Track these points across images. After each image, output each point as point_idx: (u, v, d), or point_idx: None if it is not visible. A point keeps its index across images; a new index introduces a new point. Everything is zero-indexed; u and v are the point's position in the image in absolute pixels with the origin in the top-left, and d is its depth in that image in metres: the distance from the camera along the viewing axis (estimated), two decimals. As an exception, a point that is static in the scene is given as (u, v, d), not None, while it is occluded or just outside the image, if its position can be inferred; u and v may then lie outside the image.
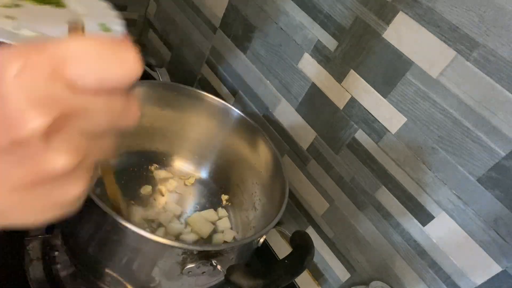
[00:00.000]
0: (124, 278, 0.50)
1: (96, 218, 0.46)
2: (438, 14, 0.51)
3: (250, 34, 0.78)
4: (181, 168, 0.75)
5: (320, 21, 0.65)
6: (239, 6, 0.80)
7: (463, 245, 0.54)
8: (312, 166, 0.72)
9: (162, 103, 0.68)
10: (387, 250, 0.64)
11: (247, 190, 0.71)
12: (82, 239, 0.50)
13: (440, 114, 0.54)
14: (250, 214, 0.69)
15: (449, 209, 0.55)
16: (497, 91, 0.48)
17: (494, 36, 0.47)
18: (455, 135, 0.53)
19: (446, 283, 0.57)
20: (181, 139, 0.73)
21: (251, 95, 0.82)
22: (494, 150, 0.50)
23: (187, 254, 0.46)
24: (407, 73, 0.56)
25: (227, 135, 0.70)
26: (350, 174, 0.66)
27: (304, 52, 0.69)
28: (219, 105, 0.68)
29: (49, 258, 0.60)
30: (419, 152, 0.57)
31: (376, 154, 0.62)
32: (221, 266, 0.46)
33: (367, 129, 0.63)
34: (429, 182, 0.57)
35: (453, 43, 0.51)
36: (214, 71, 0.90)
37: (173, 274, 0.48)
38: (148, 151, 0.72)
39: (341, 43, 0.63)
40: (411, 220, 0.59)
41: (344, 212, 0.69)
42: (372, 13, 0.58)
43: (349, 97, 0.64)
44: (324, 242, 0.74)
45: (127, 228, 0.43)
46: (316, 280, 0.76)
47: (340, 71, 0.64)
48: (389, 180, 0.61)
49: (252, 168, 0.69)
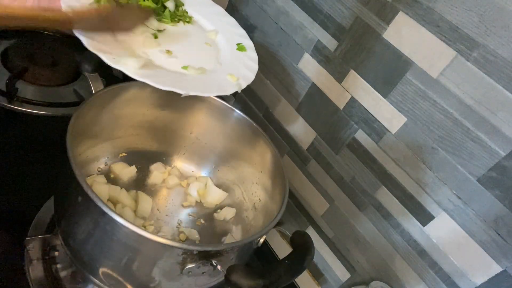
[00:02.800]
0: (124, 278, 0.50)
1: (96, 218, 0.46)
2: (438, 14, 0.51)
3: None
4: (181, 168, 0.75)
5: (320, 21, 0.65)
6: (239, 6, 0.80)
7: (463, 245, 0.54)
8: (312, 166, 0.72)
9: (162, 103, 0.67)
10: (387, 250, 0.64)
11: (247, 190, 0.71)
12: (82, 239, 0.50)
13: (440, 114, 0.54)
14: (250, 214, 0.69)
15: (449, 209, 0.55)
16: (497, 91, 0.48)
17: (494, 36, 0.47)
18: (455, 135, 0.53)
19: (446, 283, 0.57)
20: (181, 139, 0.73)
21: (251, 95, 0.82)
22: (494, 150, 0.50)
23: (187, 254, 0.46)
24: (407, 73, 0.56)
25: (227, 135, 0.70)
26: (350, 174, 0.66)
27: (304, 52, 0.69)
28: (219, 105, 0.68)
29: (49, 258, 0.60)
30: (419, 152, 0.57)
31: (376, 154, 0.62)
32: (221, 266, 0.46)
33: (367, 129, 0.62)
34: (429, 182, 0.57)
35: (453, 43, 0.51)
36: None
37: (173, 274, 0.48)
38: (148, 151, 0.72)
39: (341, 43, 0.63)
40: (411, 220, 0.59)
41: (344, 212, 0.69)
42: (372, 13, 0.58)
43: (349, 97, 0.64)
44: (324, 242, 0.74)
45: (127, 228, 0.43)
46: (316, 280, 0.76)
47: (340, 71, 0.64)
48: (389, 180, 0.61)
49: (252, 168, 0.69)
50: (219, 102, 0.68)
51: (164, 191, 0.71)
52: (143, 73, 0.51)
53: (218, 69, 0.61)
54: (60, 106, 0.79)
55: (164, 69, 0.55)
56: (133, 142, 0.70)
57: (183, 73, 0.57)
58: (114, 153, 0.69)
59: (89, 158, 0.65)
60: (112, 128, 0.66)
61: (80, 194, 0.45)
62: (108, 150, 0.68)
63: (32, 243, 0.60)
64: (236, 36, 0.69)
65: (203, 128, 0.72)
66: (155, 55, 0.57)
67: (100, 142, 0.66)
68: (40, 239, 0.60)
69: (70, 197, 0.49)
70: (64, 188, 0.51)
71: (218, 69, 0.61)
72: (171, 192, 0.71)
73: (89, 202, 0.44)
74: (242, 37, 0.69)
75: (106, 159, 0.68)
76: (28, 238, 0.59)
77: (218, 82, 0.58)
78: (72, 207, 0.49)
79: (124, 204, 0.63)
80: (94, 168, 0.66)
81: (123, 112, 0.65)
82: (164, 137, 0.72)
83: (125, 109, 0.65)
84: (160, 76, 0.53)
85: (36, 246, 0.60)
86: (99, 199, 0.43)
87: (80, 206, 0.47)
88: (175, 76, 0.55)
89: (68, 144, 0.47)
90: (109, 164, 0.68)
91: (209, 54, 0.63)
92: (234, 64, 0.63)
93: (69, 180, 0.47)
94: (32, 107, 0.76)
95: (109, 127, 0.65)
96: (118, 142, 0.68)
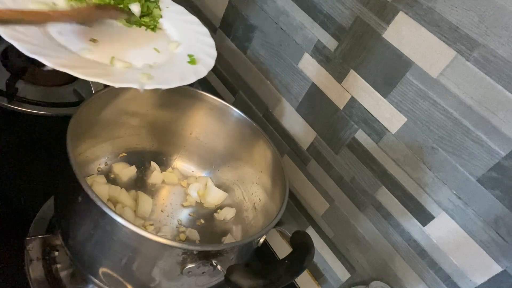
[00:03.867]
0: (124, 278, 0.50)
1: (96, 218, 0.46)
2: (438, 14, 0.51)
3: (250, 34, 0.78)
4: (181, 168, 0.75)
5: (320, 21, 0.65)
6: (239, 6, 0.80)
7: (463, 245, 0.54)
8: (312, 166, 0.72)
9: (162, 103, 0.68)
10: (387, 250, 0.64)
11: (247, 190, 0.71)
12: (82, 239, 0.50)
13: (440, 114, 0.54)
14: (250, 214, 0.69)
15: (449, 209, 0.55)
16: (497, 91, 0.48)
17: (494, 36, 0.47)
18: (455, 135, 0.53)
19: (446, 283, 0.57)
20: (181, 139, 0.73)
21: (251, 95, 0.82)
22: (494, 150, 0.50)
23: (187, 254, 0.46)
24: (407, 73, 0.56)
25: (227, 135, 0.70)
26: (350, 174, 0.66)
27: (304, 52, 0.69)
28: (219, 105, 0.68)
29: (49, 258, 0.60)
30: (419, 152, 0.57)
31: (376, 154, 0.62)
32: (221, 266, 0.46)
33: (367, 129, 0.63)
34: (429, 182, 0.57)
35: (453, 43, 0.51)
36: (214, 71, 0.90)
37: (173, 274, 0.48)
38: (148, 151, 0.72)
39: (341, 43, 0.63)
40: (411, 220, 0.59)
41: (344, 212, 0.69)
42: (372, 13, 0.58)
43: (349, 97, 0.64)
44: (324, 242, 0.74)
45: (127, 228, 0.43)
46: (316, 280, 0.76)
47: (340, 71, 0.64)
48: (389, 180, 0.61)
49: (252, 168, 0.69)
50: (219, 102, 0.68)
51: (164, 191, 0.71)
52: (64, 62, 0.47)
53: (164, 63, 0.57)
54: (60, 106, 0.79)
55: (87, 60, 0.50)
56: (133, 142, 0.70)
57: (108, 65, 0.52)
58: (114, 153, 0.69)
59: (89, 158, 0.65)
60: (112, 128, 0.66)
61: (80, 194, 0.46)
62: (108, 150, 0.68)
63: (32, 243, 0.60)
64: (201, 46, 0.63)
65: (203, 128, 0.72)
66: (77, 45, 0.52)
67: (100, 142, 0.66)
68: (40, 239, 0.60)
69: (70, 197, 0.49)
70: (64, 188, 0.51)
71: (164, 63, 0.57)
72: (171, 192, 0.71)
73: (89, 202, 0.44)
74: (205, 53, 0.62)
75: (106, 159, 0.68)
76: (28, 238, 0.59)
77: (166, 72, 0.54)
78: (72, 207, 0.49)
79: (124, 204, 0.63)
80: (94, 168, 0.66)
81: (123, 112, 0.65)
82: (164, 137, 0.72)
83: (125, 109, 0.65)
84: (89, 67, 0.49)
85: (36, 246, 0.60)
86: (99, 199, 0.43)
87: (80, 206, 0.47)
88: (101, 67, 0.50)
89: (68, 144, 0.47)
90: (109, 164, 0.68)
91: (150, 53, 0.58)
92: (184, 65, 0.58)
93: (69, 180, 0.47)
94: (32, 107, 0.76)
95: (109, 127, 0.65)
96: (118, 142, 0.68)
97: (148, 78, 0.51)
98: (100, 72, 0.48)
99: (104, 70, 0.49)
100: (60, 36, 0.51)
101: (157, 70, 0.54)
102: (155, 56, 0.57)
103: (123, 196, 0.63)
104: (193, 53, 0.60)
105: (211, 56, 0.61)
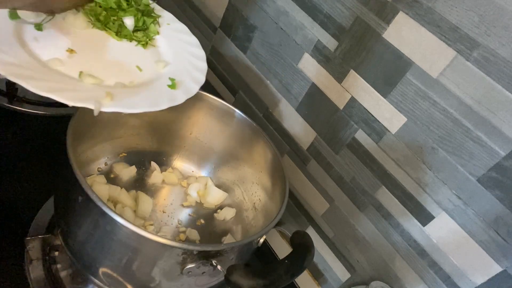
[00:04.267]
0: (124, 278, 0.50)
1: (96, 218, 0.46)
2: (438, 14, 0.51)
3: (250, 34, 0.78)
4: (181, 168, 0.75)
5: (320, 21, 0.65)
6: (239, 6, 0.80)
7: (463, 245, 0.54)
8: (312, 166, 0.72)
9: (162, 103, 0.67)
10: (387, 250, 0.64)
11: (247, 190, 0.71)
12: (82, 239, 0.50)
13: (440, 114, 0.54)
14: (250, 214, 0.69)
15: (449, 209, 0.55)
16: (497, 91, 0.48)
17: (494, 36, 0.47)
18: (455, 135, 0.53)
19: (446, 283, 0.57)
20: (181, 139, 0.73)
21: (251, 95, 0.82)
22: (494, 150, 0.50)
23: (187, 254, 0.46)
24: (407, 73, 0.56)
25: (227, 135, 0.70)
26: (350, 174, 0.66)
27: (304, 52, 0.69)
28: (219, 105, 0.68)
29: (49, 258, 0.60)
30: (419, 152, 0.57)
31: (376, 154, 0.62)
32: (221, 266, 0.46)
33: (367, 129, 0.63)
34: (429, 182, 0.57)
35: (453, 43, 0.51)
36: (214, 71, 0.90)
37: (173, 274, 0.48)
38: (148, 151, 0.72)
39: (341, 43, 0.63)
40: (411, 220, 0.59)
41: (344, 212, 0.69)
42: (372, 13, 0.58)
43: (349, 97, 0.64)
44: (324, 242, 0.74)
45: (127, 228, 0.43)
46: (316, 280, 0.76)
47: (340, 71, 0.64)
48: (389, 180, 0.61)
49: (252, 168, 0.69)
50: (219, 102, 0.68)
51: (164, 191, 0.71)
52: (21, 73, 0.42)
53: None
54: (60, 106, 0.79)
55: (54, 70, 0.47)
56: (133, 142, 0.70)
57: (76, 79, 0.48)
58: (114, 153, 0.69)
59: (89, 158, 0.65)
60: (112, 128, 0.66)
61: (80, 194, 0.46)
62: (108, 150, 0.68)
63: (32, 243, 0.60)
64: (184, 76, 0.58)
65: (203, 128, 0.72)
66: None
67: (100, 142, 0.66)
68: (40, 239, 0.60)
69: (70, 197, 0.49)
70: (64, 188, 0.51)
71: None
72: (171, 192, 0.71)
73: (89, 202, 0.44)
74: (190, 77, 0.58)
75: (106, 159, 0.68)
76: (28, 238, 0.59)
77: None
78: (72, 207, 0.49)
79: (124, 204, 0.63)
80: (94, 168, 0.66)
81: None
82: (164, 137, 0.72)
83: (125, 109, 0.64)
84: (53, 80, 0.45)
85: (36, 246, 0.60)
86: (99, 199, 0.43)
87: (80, 206, 0.47)
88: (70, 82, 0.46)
89: (68, 144, 0.47)
90: (109, 164, 0.68)
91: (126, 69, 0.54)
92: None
93: (69, 180, 0.47)
94: (32, 107, 0.76)
95: (109, 127, 0.65)
96: (118, 142, 0.68)
97: (110, 99, 0.46)
98: (55, 86, 0.43)
99: (64, 84, 0.45)
100: (35, 43, 0.48)
101: (128, 91, 0.49)
102: (135, 74, 0.53)
103: (123, 196, 0.63)
104: (179, 76, 0.56)
105: (197, 82, 0.56)
